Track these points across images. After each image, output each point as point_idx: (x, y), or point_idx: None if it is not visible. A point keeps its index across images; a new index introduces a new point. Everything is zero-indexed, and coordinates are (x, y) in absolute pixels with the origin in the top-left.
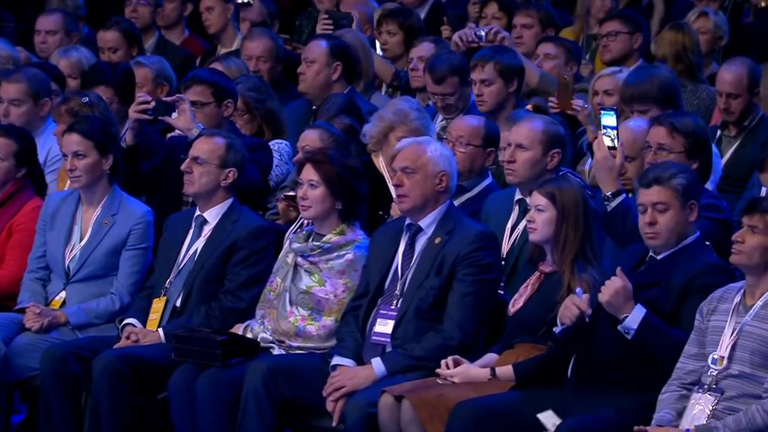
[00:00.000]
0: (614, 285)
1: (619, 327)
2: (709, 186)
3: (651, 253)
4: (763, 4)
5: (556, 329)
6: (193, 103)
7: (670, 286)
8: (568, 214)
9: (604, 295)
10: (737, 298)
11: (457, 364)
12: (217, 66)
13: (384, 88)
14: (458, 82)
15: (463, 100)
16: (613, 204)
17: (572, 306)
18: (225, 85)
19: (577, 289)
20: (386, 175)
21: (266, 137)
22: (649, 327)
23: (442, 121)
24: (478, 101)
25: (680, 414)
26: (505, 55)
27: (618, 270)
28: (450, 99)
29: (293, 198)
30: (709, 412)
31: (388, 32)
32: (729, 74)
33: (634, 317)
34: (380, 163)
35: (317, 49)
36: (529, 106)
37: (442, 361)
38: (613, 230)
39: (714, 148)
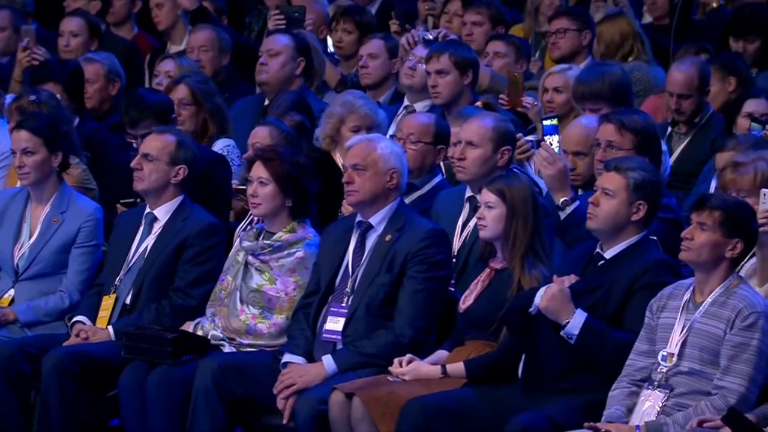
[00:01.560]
0: (550, 290)
1: (561, 333)
2: None
3: (598, 250)
4: (715, 5)
5: (531, 309)
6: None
7: (617, 285)
8: (517, 211)
9: (542, 300)
10: (687, 295)
11: (409, 362)
12: (169, 63)
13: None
14: None
15: None
16: (568, 211)
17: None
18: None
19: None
20: None
21: (210, 133)
22: (591, 331)
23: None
24: (433, 93)
25: (630, 410)
26: (461, 48)
27: (554, 276)
28: None
29: (243, 192)
30: (658, 409)
31: (344, 30)
32: (679, 75)
33: (575, 323)
34: (338, 158)
35: (282, 42)
36: (478, 103)
37: (395, 360)
38: (569, 237)
39: (663, 146)
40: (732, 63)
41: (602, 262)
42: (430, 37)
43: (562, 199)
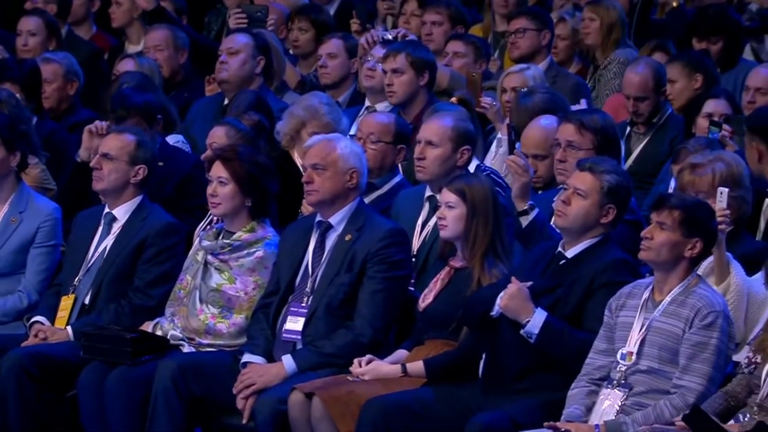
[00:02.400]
0: (509, 290)
1: (522, 332)
2: None
3: (560, 249)
4: (675, 4)
5: (494, 312)
6: None
7: (577, 284)
8: (477, 211)
9: (502, 300)
10: (646, 294)
11: (368, 362)
12: (129, 63)
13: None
14: None
15: None
16: (530, 217)
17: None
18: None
19: None
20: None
21: (155, 131)
22: (550, 330)
23: None
24: (389, 92)
25: (589, 409)
26: (418, 48)
27: (513, 278)
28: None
29: None
30: (618, 408)
31: (300, 29)
32: (635, 77)
33: (535, 322)
34: (297, 158)
35: (242, 41)
36: (453, 99)
37: (355, 360)
38: (532, 244)
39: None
40: (699, 61)
41: (563, 261)
42: (389, 36)
43: (524, 207)
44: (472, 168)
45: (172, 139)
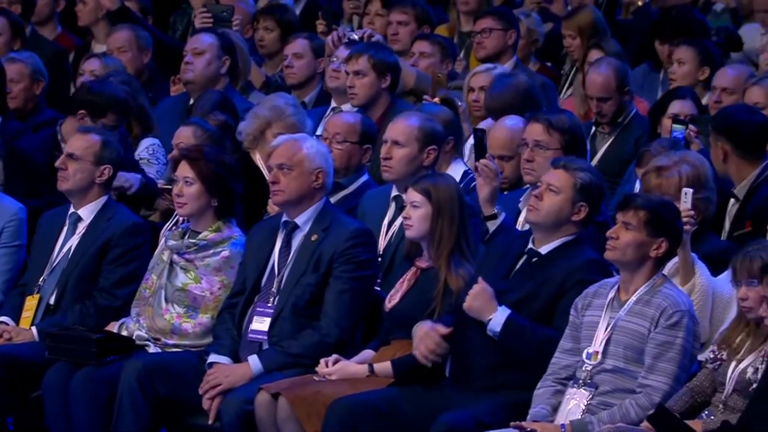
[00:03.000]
0: (474, 290)
1: (488, 330)
2: None
3: (531, 246)
4: (640, 3)
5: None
6: None
7: (550, 282)
8: (443, 210)
9: (467, 300)
10: (611, 294)
11: (335, 362)
12: (94, 62)
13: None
14: None
15: None
16: (497, 222)
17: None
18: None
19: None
20: (265, 173)
21: (135, 133)
22: (513, 328)
23: None
24: (350, 93)
25: (555, 409)
26: (380, 51)
27: (479, 278)
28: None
29: (169, 191)
30: (583, 407)
31: (265, 28)
32: (598, 78)
33: (497, 320)
34: (258, 160)
35: (207, 41)
36: (436, 99)
37: (322, 360)
38: None
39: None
40: (712, 57)
41: (536, 258)
42: (355, 36)
43: (493, 211)
44: (458, 174)
45: (148, 142)
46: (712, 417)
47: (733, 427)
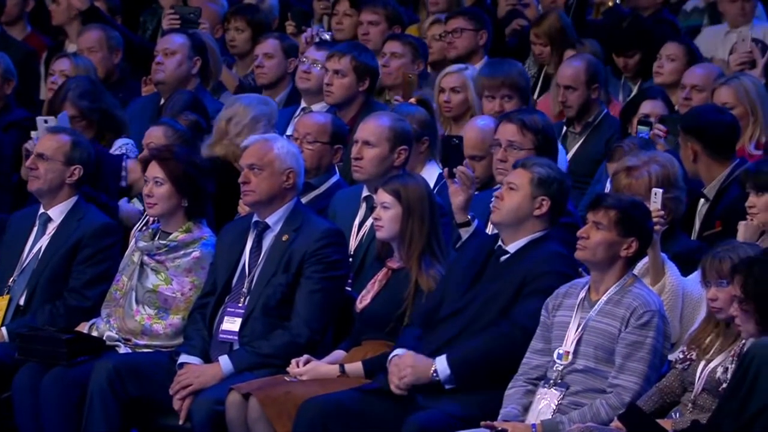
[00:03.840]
0: (399, 373)
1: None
2: None
3: (500, 244)
4: (610, 3)
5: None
6: None
7: (514, 278)
8: (413, 211)
9: (402, 383)
10: (582, 294)
11: (306, 362)
12: (64, 62)
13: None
14: None
15: None
16: (470, 229)
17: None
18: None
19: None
20: None
21: (107, 138)
22: (459, 362)
23: None
24: (327, 91)
25: (526, 409)
26: (364, 54)
27: (389, 361)
28: None
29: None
30: (554, 407)
31: (236, 29)
32: (568, 69)
33: (441, 368)
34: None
35: (178, 41)
36: (412, 100)
37: (293, 360)
38: None
39: (560, 146)
40: (695, 56)
41: (506, 256)
42: (327, 36)
43: (466, 219)
44: (432, 176)
45: (120, 143)
46: (681, 416)
47: (703, 426)
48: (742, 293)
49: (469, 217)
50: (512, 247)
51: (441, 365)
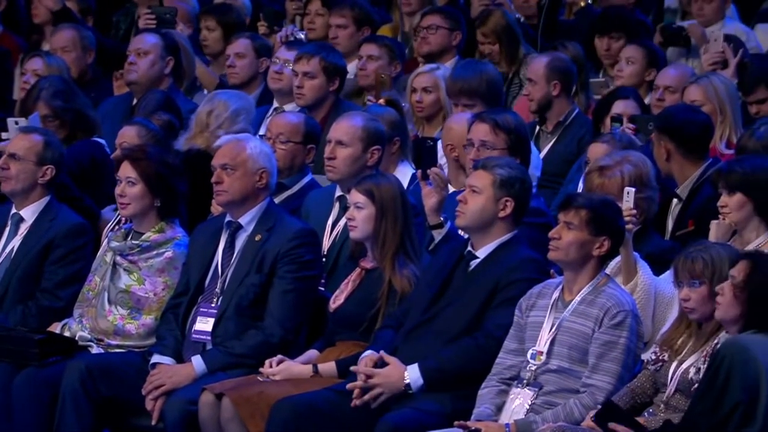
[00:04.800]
0: (373, 381)
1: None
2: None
3: (469, 249)
4: (582, 3)
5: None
6: None
7: (485, 285)
8: (386, 211)
9: (377, 397)
10: (556, 294)
11: (279, 362)
12: (37, 62)
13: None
14: None
15: None
16: (443, 231)
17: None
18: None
19: None
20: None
21: (79, 137)
22: (431, 370)
23: None
24: (297, 93)
25: (499, 408)
26: (332, 54)
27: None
28: None
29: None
30: (528, 407)
31: (207, 28)
32: (533, 63)
33: (413, 378)
34: None
35: (151, 41)
36: (381, 101)
37: (267, 361)
38: None
39: (533, 147)
40: (659, 58)
41: (475, 261)
42: (302, 36)
43: (439, 221)
44: (406, 176)
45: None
46: (654, 417)
47: (676, 426)
48: (744, 280)
49: (442, 218)
50: (482, 252)
51: (413, 375)
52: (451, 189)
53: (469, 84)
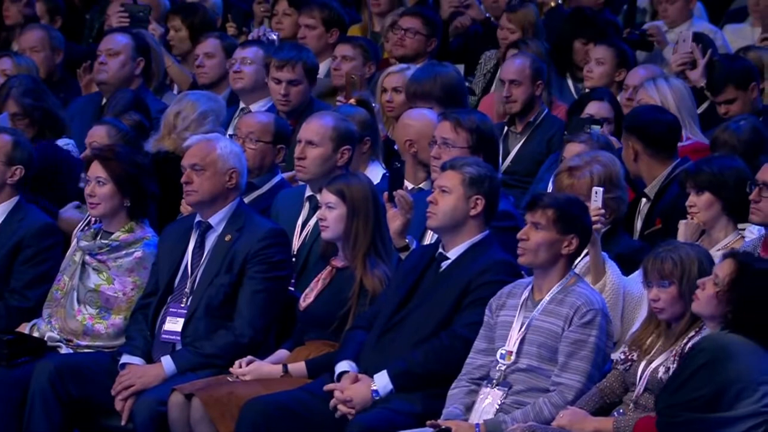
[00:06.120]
0: (342, 396)
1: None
2: None
3: (441, 250)
4: (553, 4)
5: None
6: None
7: (456, 286)
8: (358, 210)
9: (350, 411)
10: (525, 294)
11: (249, 363)
12: (6, 62)
13: (176, 89)
14: None
15: None
16: (409, 254)
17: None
18: None
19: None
20: None
21: (48, 137)
22: (399, 374)
23: None
24: (283, 101)
25: (469, 408)
26: (309, 55)
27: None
28: None
29: None
30: (497, 407)
31: (173, 28)
32: (513, 64)
33: (382, 383)
34: None
35: (122, 42)
36: (352, 100)
37: (237, 361)
38: None
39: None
40: (628, 59)
41: (447, 262)
42: (274, 37)
43: (404, 243)
44: (377, 176)
45: (62, 143)
46: (623, 416)
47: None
48: (730, 283)
49: (407, 240)
50: (453, 253)
51: (382, 382)
52: (410, 186)
53: (422, 87)
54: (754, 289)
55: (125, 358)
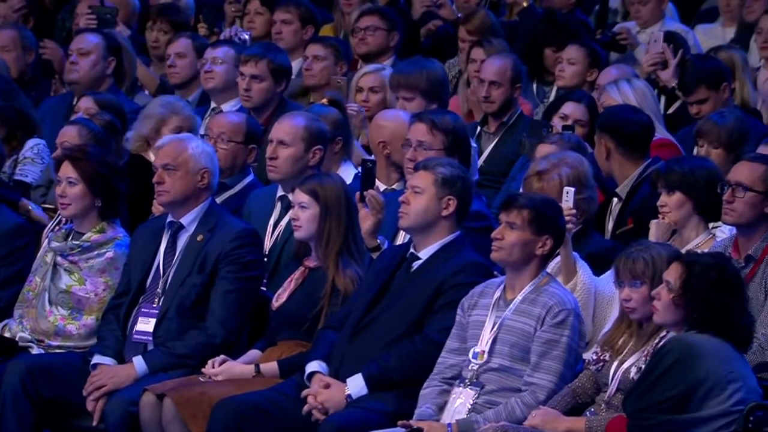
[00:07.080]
0: (319, 400)
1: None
2: None
3: (412, 251)
4: (525, 4)
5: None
6: None
7: (428, 287)
8: (331, 210)
9: (325, 414)
10: (498, 293)
11: (222, 363)
12: None
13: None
14: None
15: None
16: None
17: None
18: None
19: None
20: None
21: (18, 137)
22: (374, 377)
23: None
24: (245, 96)
25: (441, 408)
26: (278, 55)
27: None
28: None
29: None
30: (469, 406)
31: (160, 30)
32: (493, 65)
33: (357, 386)
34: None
35: (93, 41)
36: (324, 100)
37: (209, 361)
38: None
39: (473, 144)
40: (600, 60)
41: (418, 262)
42: (246, 37)
43: (376, 243)
44: (349, 176)
45: (33, 142)
46: (595, 416)
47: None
48: (681, 286)
49: (379, 241)
50: (424, 253)
51: (356, 387)
52: (382, 187)
53: (408, 78)
54: (706, 284)
55: (97, 359)
